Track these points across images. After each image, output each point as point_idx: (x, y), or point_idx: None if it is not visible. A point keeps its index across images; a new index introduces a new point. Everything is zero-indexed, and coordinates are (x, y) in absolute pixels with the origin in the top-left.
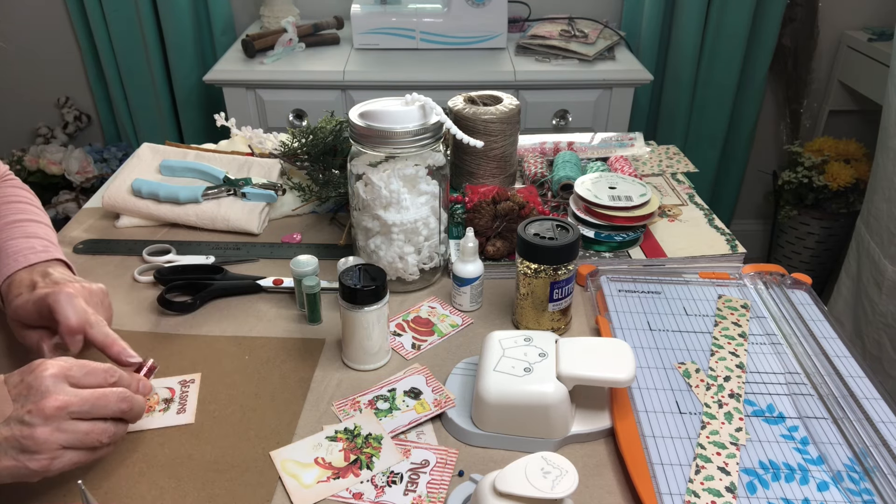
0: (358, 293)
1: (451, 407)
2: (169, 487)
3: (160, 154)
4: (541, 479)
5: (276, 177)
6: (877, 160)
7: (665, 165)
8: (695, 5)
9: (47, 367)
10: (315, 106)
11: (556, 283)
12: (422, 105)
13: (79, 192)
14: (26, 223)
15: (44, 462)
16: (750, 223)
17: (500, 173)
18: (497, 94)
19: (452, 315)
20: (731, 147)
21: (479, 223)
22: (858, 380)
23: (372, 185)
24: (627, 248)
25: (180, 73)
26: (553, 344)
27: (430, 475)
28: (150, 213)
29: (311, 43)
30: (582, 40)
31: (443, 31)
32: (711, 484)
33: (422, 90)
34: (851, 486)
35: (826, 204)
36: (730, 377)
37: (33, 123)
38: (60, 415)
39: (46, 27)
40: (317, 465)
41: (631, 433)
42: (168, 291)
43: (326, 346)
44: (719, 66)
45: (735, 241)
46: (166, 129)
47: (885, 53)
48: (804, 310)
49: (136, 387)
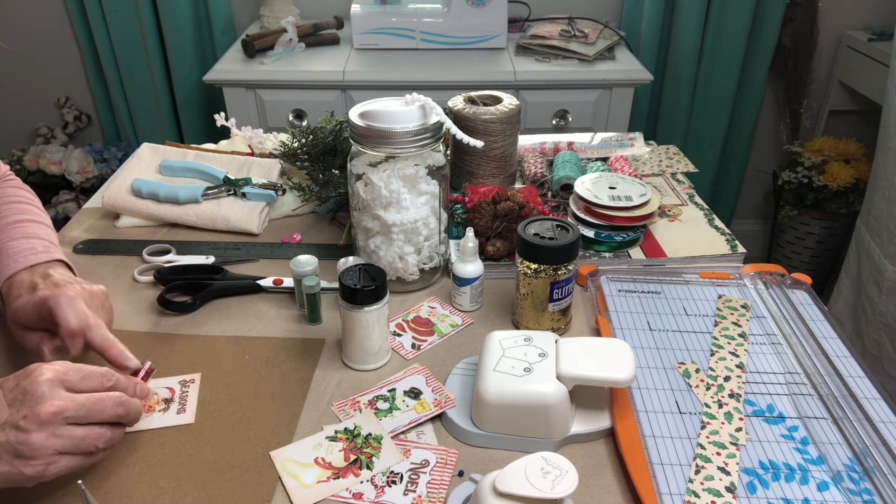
0: (358, 293)
1: (451, 407)
2: (169, 487)
3: (160, 154)
4: (541, 479)
5: (276, 177)
6: (877, 160)
7: (665, 165)
8: (695, 5)
9: (43, 371)
10: (315, 106)
11: (556, 283)
12: (422, 105)
13: (79, 192)
14: (27, 223)
15: (39, 468)
16: (750, 223)
17: (500, 173)
18: (497, 94)
19: (452, 315)
20: (731, 147)
21: (479, 223)
22: (858, 380)
23: (372, 185)
24: (627, 248)
25: (180, 73)
26: (553, 344)
27: (430, 475)
28: (150, 213)
29: (311, 43)
30: (582, 40)
31: (443, 31)
32: (711, 484)
33: (422, 90)
34: (851, 486)
35: (826, 204)
36: (730, 377)
37: (33, 123)
38: (56, 420)
39: (46, 27)
40: (317, 465)
41: (631, 433)
42: (168, 291)
43: (326, 346)
44: (719, 66)
45: (735, 241)
46: (166, 129)
47: (885, 53)
48: (804, 310)
49: (133, 390)
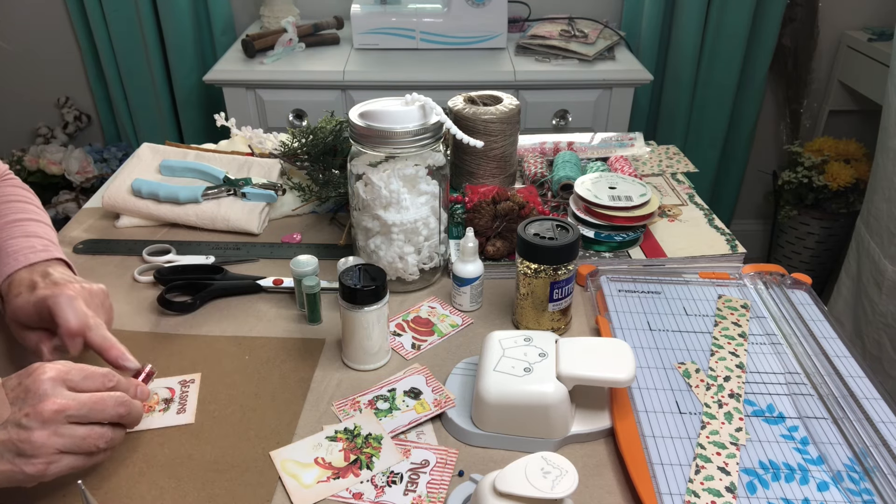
0: (358, 293)
1: (451, 407)
2: (169, 487)
3: (160, 154)
4: (541, 479)
5: (276, 177)
6: (877, 160)
7: (665, 165)
8: (695, 5)
9: (45, 370)
10: (315, 106)
11: (556, 283)
12: (422, 105)
13: (79, 192)
14: (26, 222)
15: (40, 466)
16: (750, 223)
17: (500, 173)
18: (497, 94)
19: (452, 315)
20: (731, 147)
21: (479, 223)
22: (858, 380)
23: (372, 185)
24: (627, 248)
25: (180, 73)
26: (553, 344)
27: (430, 475)
28: (150, 213)
29: (311, 43)
30: (582, 40)
31: (443, 31)
32: (711, 484)
33: (422, 90)
34: (851, 486)
35: (826, 204)
36: (730, 377)
37: (33, 123)
38: (58, 418)
39: (46, 27)
40: (317, 465)
41: (631, 433)
42: (168, 291)
43: (326, 346)
44: (719, 66)
45: (735, 241)
46: (166, 129)
47: (885, 53)
48: (804, 310)
49: (133, 392)
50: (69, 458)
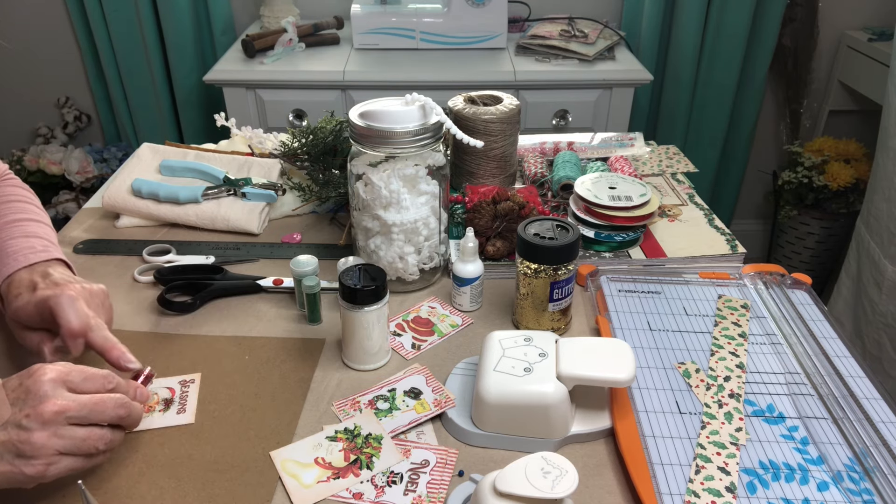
0: (358, 293)
1: (451, 407)
2: (169, 487)
3: (160, 154)
4: (541, 479)
5: (276, 177)
6: (877, 160)
7: (665, 165)
8: (695, 5)
9: (46, 371)
10: (315, 106)
11: (556, 283)
12: (422, 105)
13: (79, 192)
14: (26, 222)
15: (40, 468)
16: (750, 223)
17: (500, 173)
18: (497, 94)
19: (452, 315)
20: (731, 147)
21: (479, 223)
22: (858, 380)
23: (372, 185)
24: (627, 248)
25: (180, 73)
26: (553, 344)
27: (430, 475)
28: (150, 213)
29: (311, 43)
30: (582, 40)
31: (443, 31)
32: (711, 484)
33: (422, 90)
34: (851, 486)
35: (826, 204)
36: (730, 377)
37: (33, 123)
38: (58, 419)
39: (46, 27)
40: (317, 465)
41: (631, 433)
42: (168, 291)
43: (326, 346)
44: (719, 66)
45: (735, 241)
46: (166, 129)
47: (885, 53)
48: (804, 310)
49: (133, 394)
50: (69, 460)
